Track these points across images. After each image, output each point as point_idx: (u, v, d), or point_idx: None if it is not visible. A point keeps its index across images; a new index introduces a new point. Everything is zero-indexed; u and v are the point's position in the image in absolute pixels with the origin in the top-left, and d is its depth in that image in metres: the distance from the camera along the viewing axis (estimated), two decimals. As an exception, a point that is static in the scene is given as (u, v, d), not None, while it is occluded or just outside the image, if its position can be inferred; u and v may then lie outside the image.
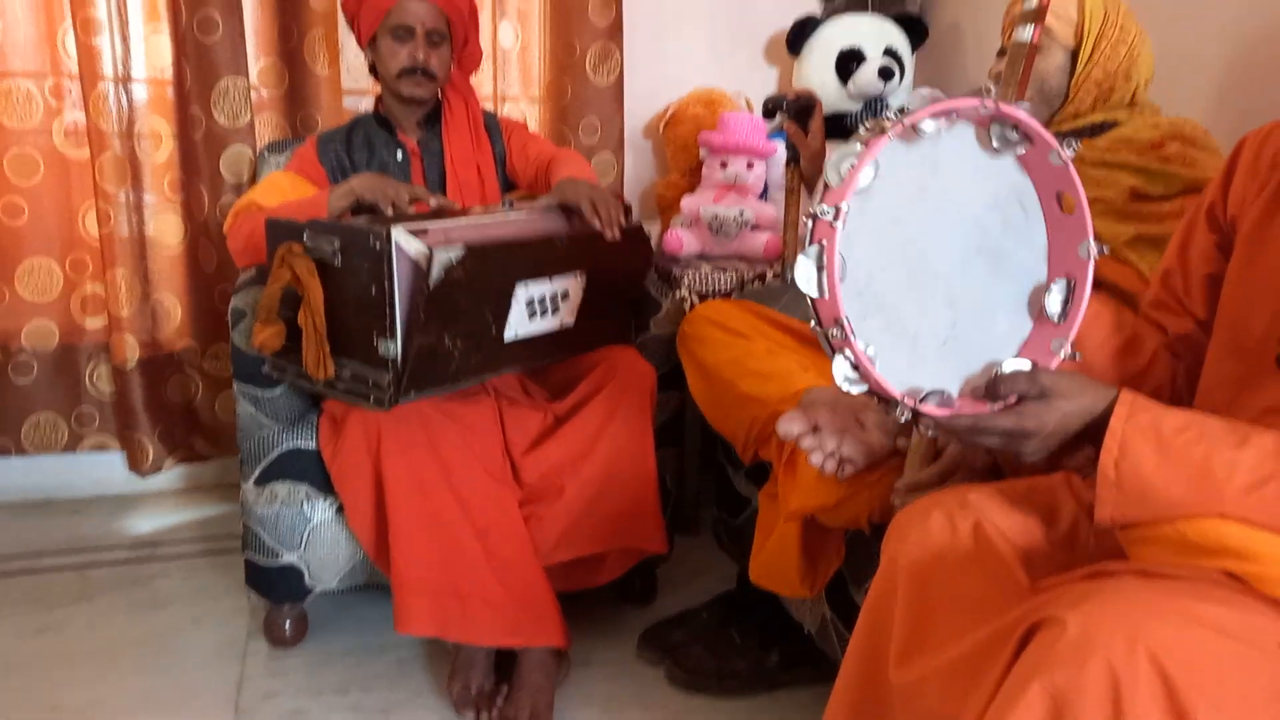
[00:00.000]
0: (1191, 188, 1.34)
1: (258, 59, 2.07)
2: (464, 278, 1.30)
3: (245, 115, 2.01)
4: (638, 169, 2.54)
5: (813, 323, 0.85)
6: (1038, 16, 1.16)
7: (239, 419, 1.57)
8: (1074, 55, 1.43)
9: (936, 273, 0.88)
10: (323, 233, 1.34)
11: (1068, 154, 0.85)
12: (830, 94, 2.35)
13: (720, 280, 2.07)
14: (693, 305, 1.98)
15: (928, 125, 0.81)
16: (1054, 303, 0.92)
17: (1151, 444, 0.78)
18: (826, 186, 0.81)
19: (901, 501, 1.12)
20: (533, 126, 2.39)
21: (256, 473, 1.56)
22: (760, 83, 2.56)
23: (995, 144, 0.86)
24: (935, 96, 0.82)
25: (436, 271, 1.25)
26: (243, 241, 1.61)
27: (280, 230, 1.39)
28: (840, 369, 0.84)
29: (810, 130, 1.81)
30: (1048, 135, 0.85)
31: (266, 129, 2.10)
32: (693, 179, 2.42)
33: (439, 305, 1.30)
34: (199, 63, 1.96)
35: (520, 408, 1.62)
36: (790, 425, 1.21)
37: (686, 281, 2.05)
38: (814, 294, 0.81)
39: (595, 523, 1.56)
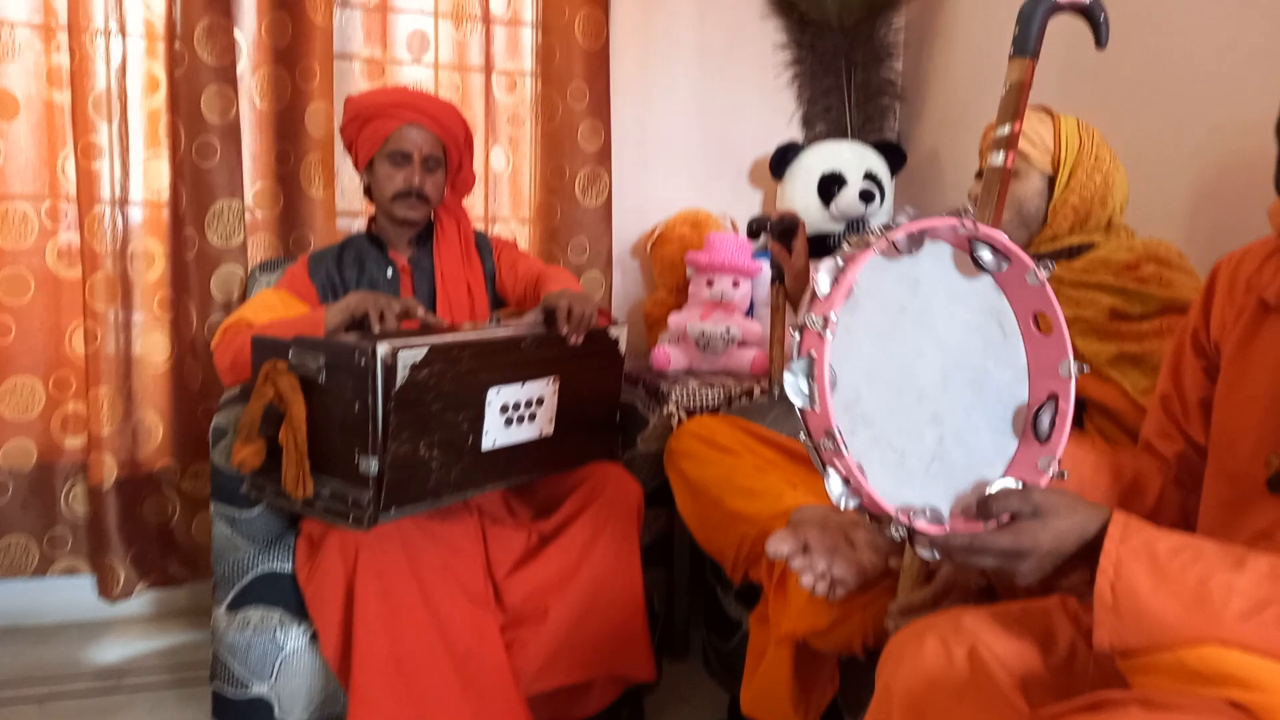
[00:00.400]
0: (1170, 307, 1.35)
1: (254, 182, 2.12)
2: (432, 380, 1.31)
3: (238, 236, 2.05)
4: (626, 286, 2.58)
5: (802, 435, 0.84)
6: (1010, 144, 1.20)
7: (214, 541, 1.53)
8: (1051, 181, 1.47)
9: (921, 391, 0.88)
10: (308, 350, 1.33)
11: (1044, 274, 0.86)
12: (813, 216, 2.41)
13: (708, 396, 2.07)
14: (680, 421, 1.97)
15: (911, 241, 0.83)
16: (1040, 422, 0.91)
17: (1146, 566, 0.77)
18: (814, 297, 0.82)
19: (896, 625, 1.09)
20: (523, 246, 2.43)
21: (229, 597, 1.51)
22: (744, 204, 2.63)
23: (973, 264, 0.87)
24: (918, 214, 0.84)
25: (402, 371, 1.26)
26: (230, 359, 1.60)
27: (266, 347, 1.39)
28: (834, 483, 0.83)
29: (794, 249, 1.85)
30: (1024, 255, 0.87)
31: (259, 249, 2.14)
32: (680, 296, 2.45)
33: (409, 411, 1.29)
34: (195, 186, 2.01)
35: (504, 527, 1.59)
36: (779, 545, 1.18)
37: (674, 397, 2.04)
38: (804, 405, 0.81)
39: (580, 649, 1.51)
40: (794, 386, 0.80)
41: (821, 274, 0.81)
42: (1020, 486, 0.88)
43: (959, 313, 0.89)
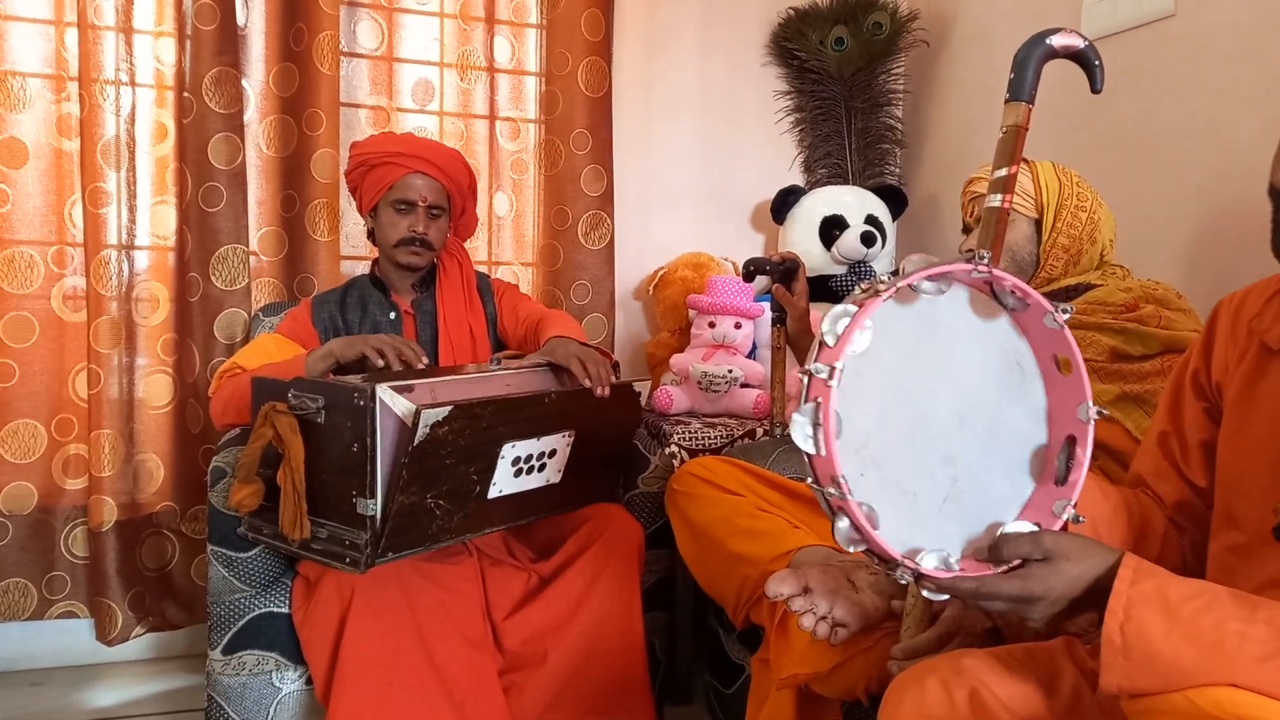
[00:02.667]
0: (1171, 347, 1.35)
1: (259, 227, 2.15)
2: (450, 436, 1.29)
3: (243, 279, 2.06)
4: (629, 328, 2.59)
5: (809, 480, 0.84)
6: (1007, 186, 1.21)
7: (210, 583, 1.51)
8: (1038, 225, 1.48)
9: (934, 432, 0.88)
10: (307, 390, 1.34)
11: (1063, 317, 0.86)
12: (815, 258, 2.43)
13: (710, 437, 2.06)
14: (683, 461, 1.96)
15: (924, 286, 0.83)
16: (1059, 464, 0.91)
17: (1158, 610, 0.76)
18: (823, 344, 0.82)
19: (899, 668, 1.07)
20: (525, 289, 2.45)
21: (225, 640, 1.49)
22: (747, 247, 2.65)
23: (993, 304, 0.88)
24: (928, 261, 0.84)
25: (422, 430, 1.25)
26: (222, 404, 1.61)
27: (265, 388, 1.40)
28: (841, 528, 0.82)
29: (795, 291, 1.85)
30: (1042, 299, 0.87)
31: (264, 292, 2.15)
32: (682, 338, 2.46)
33: (423, 464, 1.28)
34: (201, 231, 2.03)
35: (503, 568, 1.57)
36: (780, 586, 1.17)
37: (676, 438, 2.04)
38: (810, 451, 0.81)
39: (579, 694, 1.48)
40: (801, 433, 0.80)
41: (830, 321, 0.81)
42: (1034, 530, 0.87)
43: (977, 354, 0.89)
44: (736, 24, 2.57)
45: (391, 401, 1.28)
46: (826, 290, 2.43)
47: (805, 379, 0.81)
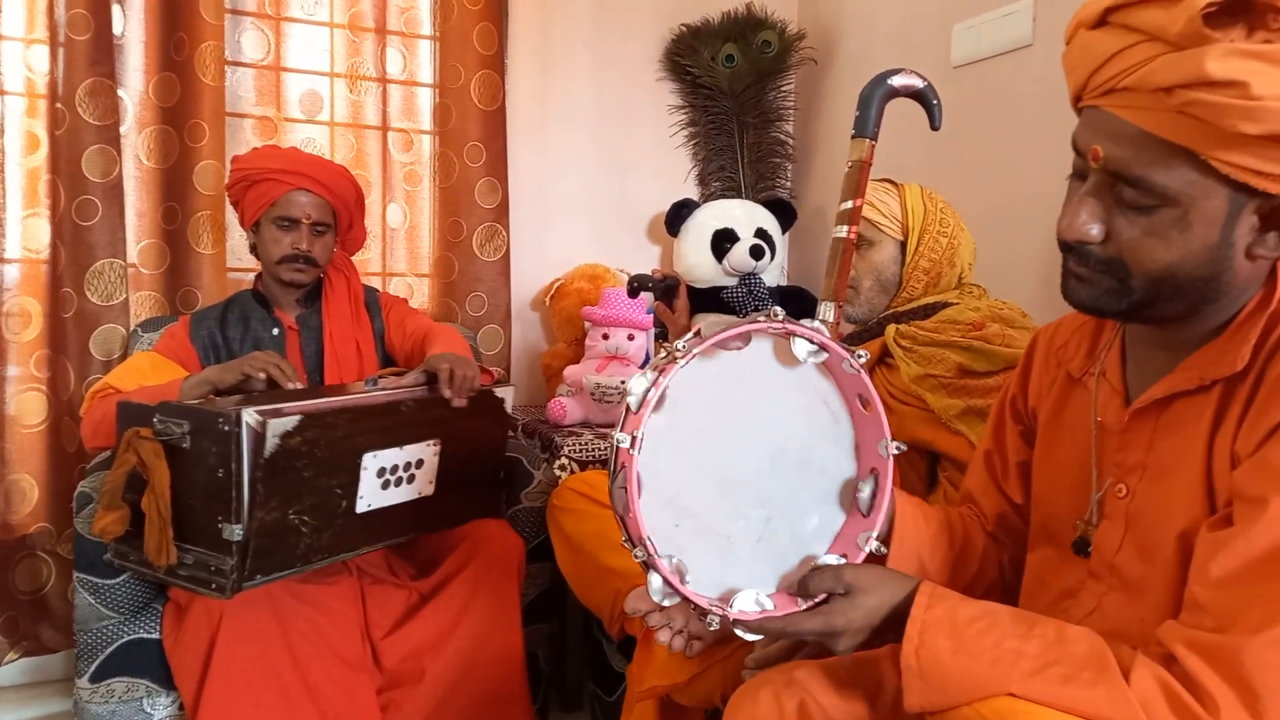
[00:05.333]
0: (1011, 364, 1.44)
1: (139, 239, 2.10)
2: (304, 447, 1.30)
3: (120, 294, 2.02)
4: (526, 339, 2.61)
5: (624, 539, 0.88)
6: (852, 218, 1.27)
7: (77, 610, 1.49)
8: (903, 247, 1.56)
9: (747, 478, 0.92)
10: (173, 415, 1.32)
11: (858, 364, 0.92)
12: (707, 270, 2.49)
13: (602, 448, 2.09)
14: (573, 472, 2.00)
15: (727, 345, 0.88)
16: (863, 497, 0.96)
17: (946, 633, 0.82)
18: (627, 412, 0.86)
19: (752, 677, 1.12)
20: (420, 300, 2.45)
21: (93, 668, 1.47)
22: (643, 259, 2.70)
23: (794, 356, 0.92)
24: (726, 322, 0.89)
25: (272, 441, 1.25)
26: (93, 426, 1.58)
27: (131, 413, 1.38)
28: (654, 584, 0.87)
29: (676, 308, 1.91)
30: (837, 347, 0.92)
31: (145, 306, 2.11)
32: (578, 349, 2.49)
33: (279, 478, 1.28)
34: (75, 245, 1.97)
35: (384, 586, 1.58)
36: (637, 602, 1.21)
37: (567, 449, 2.07)
38: (620, 513, 0.85)
39: (458, 708, 1.51)
40: (614, 496, 0.84)
41: (632, 386, 0.85)
42: (841, 563, 0.93)
43: (787, 398, 0.93)
44: (630, 40, 2.62)
45: (248, 418, 1.28)
46: (718, 301, 2.49)
47: (613, 447, 0.85)
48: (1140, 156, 0.76)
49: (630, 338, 2.36)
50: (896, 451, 0.93)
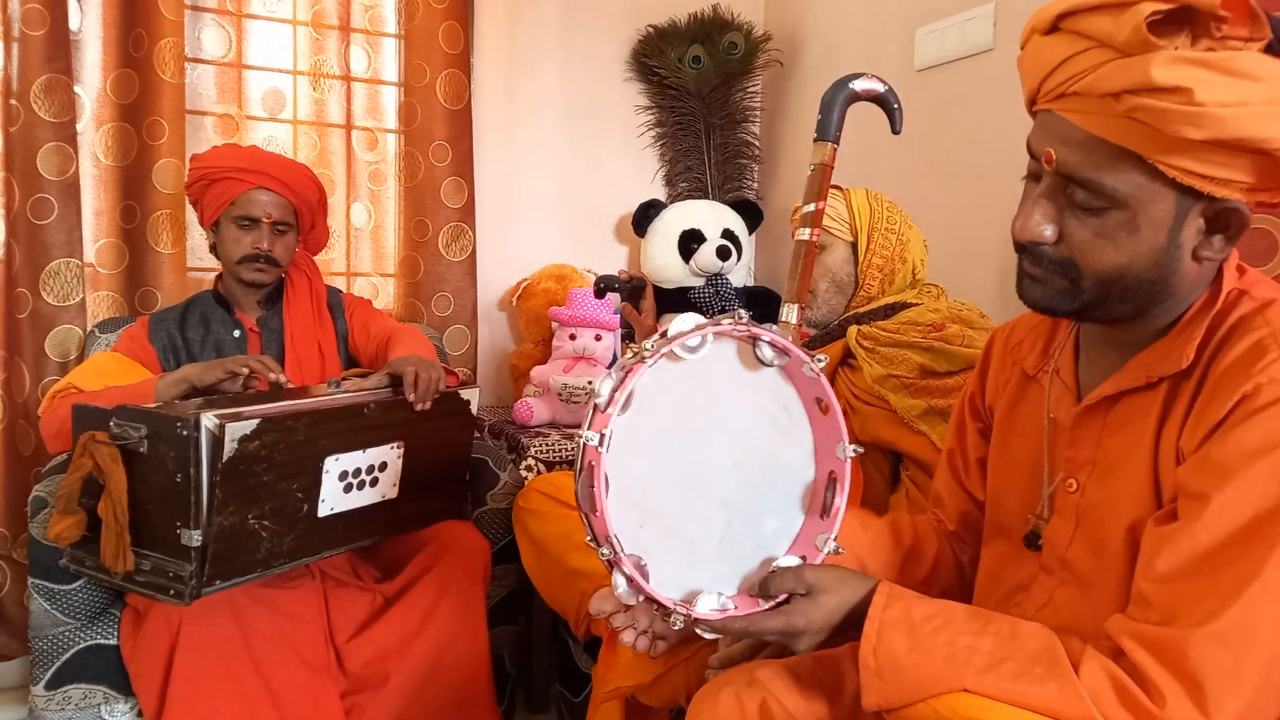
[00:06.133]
0: (970, 365, 1.46)
1: (96, 239, 2.07)
2: (263, 451, 1.29)
3: (77, 294, 1.98)
4: (493, 340, 2.61)
5: (589, 539, 0.88)
6: (815, 221, 1.28)
7: (32, 616, 1.46)
8: (854, 247, 1.58)
9: (709, 479, 0.93)
10: (130, 419, 1.30)
11: (818, 367, 0.93)
12: (674, 271, 2.49)
13: (568, 448, 2.09)
14: (540, 473, 2.00)
15: (691, 344, 0.88)
16: (822, 499, 0.97)
17: (903, 631, 0.83)
18: (595, 410, 0.86)
19: (715, 677, 1.13)
20: (386, 300, 2.43)
21: (49, 675, 1.44)
22: (611, 259, 2.70)
23: (757, 359, 0.93)
24: (694, 322, 0.89)
25: (230, 445, 1.24)
26: (55, 426, 1.54)
27: (86, 417, 1.35)
28: (618, 583, 0.87)
29: (642, 309, 1.91)
30: (798, 351, 0.93)
31: (102, 306, 2.07)
32: (546, 349, 2.49)
33: (238, 482, 1.27)
34: (30, 245, 1.93)
35: (348, 590, 1.57)
36: (601, 603, 1.21)
37: (534, 450, 2.07)
38: (587, 512, 0.85)
39: (423, 712, 1.50)
40: (579, 495, 0.84)
41: (600, 385, 0.85)
42: (800, 564, 0.94)
43: (750, 400, 0.94)
44: (597, 40, 2.62)
45: (207, 422, 1.26)
46: (685, 302, 2.49)
47: (580, 445, 0.85)
48: (1090, 160, 0.78)
49: (597, 338, 2.36)
50: (854, 454, 0.94)
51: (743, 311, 0.91)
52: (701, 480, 0.92)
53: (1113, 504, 0.87)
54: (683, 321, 0.87)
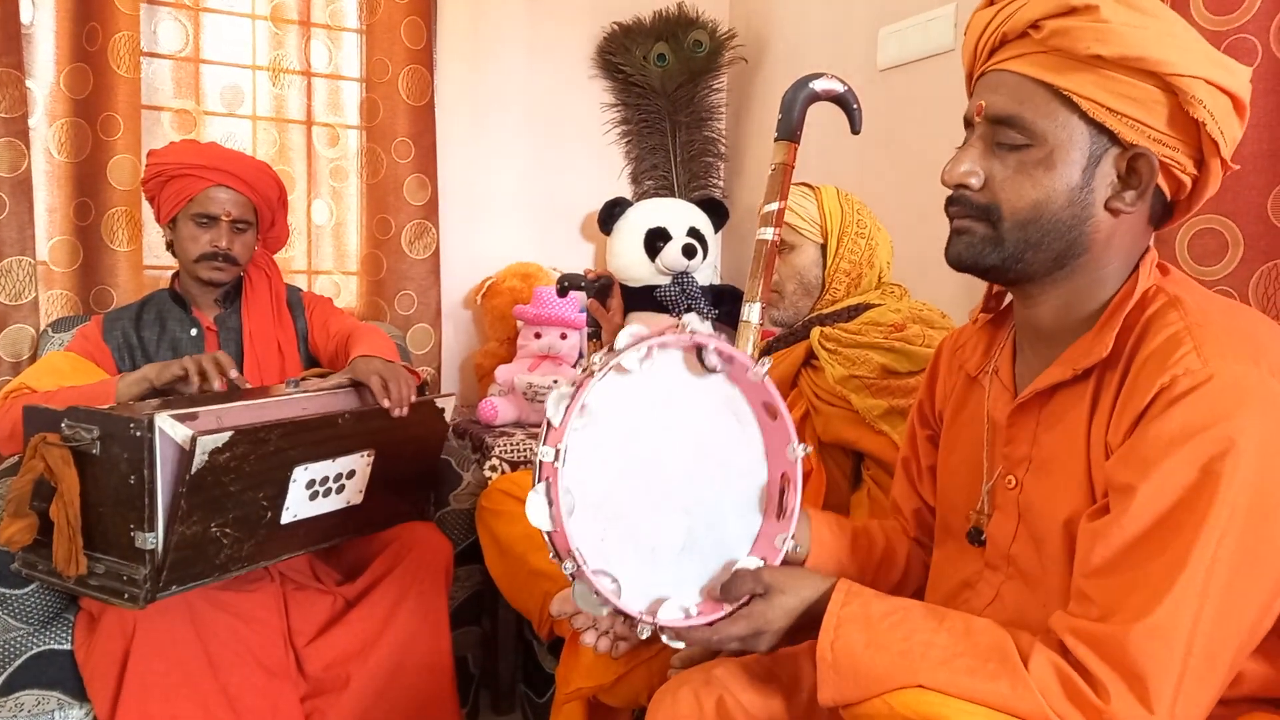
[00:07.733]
0: (931, 365, 1.48)
1: (50, 236, 2.03)
2: (233, 463, 1.27)
3: (29, 293, 1.94)
4: (458, 338, 2.59)
5: (551, 555, 0.88)
6: (776, 220, 1.29)
7: (-18, 622, 1.43)
8: (824, 249, 1.59)
9: (669, 485, 0.93)
10: (82, 420, 1.28)
11: (761, 371, 0.93)
12: (641, 269, 2.49)
13: (534, 448, 2.09)
14: (504, 473, 1.99)
15: (637, 355, 0.88)
16: (778, 500, 0.98)
17: (861, 627, 0.84)
18: (549, 426, 0.86)
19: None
20: (348, 299, 2.41)
21: (1, 681, 1.41)
22: (577, 258, 2.69)
23: (703, 365, 0.94)
24: (638, 335, 0.89)
25: (200, 457, 1.22)
26: (8, 428, 1.51)
27: (37, 418, 1.33)
28: (580, 594, 0.87)
29: (610, 307, 1.91)
30: (743, 356, 0.93)
31: (56, 305, 2.03)
32: (511, 348, 2.48)
33: (204, 493, 1.25)
34: (-20, 242, 1.90)
35: (307, 592, 1.55)
36: (562, 605, 1.21)
37: (498, 450, 2.06)
38: (547, 528, 0.85)
39: (384, 715, 1.49)
40: (536, 511, 0.84)
41: (552, 404, 0.85)
42: (761, 565, 0.95)
43: (699, 407, 0.95)
44: (562, 37, 2.61)
45: (171, 430, 1.24)
46: (651, 300, 2.49)
47: (537, 461, 0.85)
48: (1015, 96, 0.85)
49: (563, 336, 2.36)
50: (804, 453, 0.95)
51: (687, 318, 0.92)
52: (662, 486, 0.92)
53: (1050, 499, 0.88)
54: (625, 335, 0.87)
